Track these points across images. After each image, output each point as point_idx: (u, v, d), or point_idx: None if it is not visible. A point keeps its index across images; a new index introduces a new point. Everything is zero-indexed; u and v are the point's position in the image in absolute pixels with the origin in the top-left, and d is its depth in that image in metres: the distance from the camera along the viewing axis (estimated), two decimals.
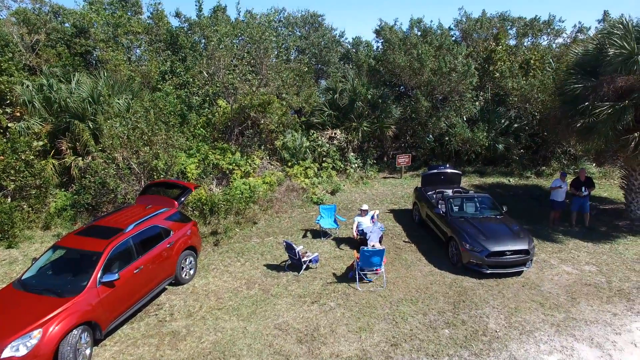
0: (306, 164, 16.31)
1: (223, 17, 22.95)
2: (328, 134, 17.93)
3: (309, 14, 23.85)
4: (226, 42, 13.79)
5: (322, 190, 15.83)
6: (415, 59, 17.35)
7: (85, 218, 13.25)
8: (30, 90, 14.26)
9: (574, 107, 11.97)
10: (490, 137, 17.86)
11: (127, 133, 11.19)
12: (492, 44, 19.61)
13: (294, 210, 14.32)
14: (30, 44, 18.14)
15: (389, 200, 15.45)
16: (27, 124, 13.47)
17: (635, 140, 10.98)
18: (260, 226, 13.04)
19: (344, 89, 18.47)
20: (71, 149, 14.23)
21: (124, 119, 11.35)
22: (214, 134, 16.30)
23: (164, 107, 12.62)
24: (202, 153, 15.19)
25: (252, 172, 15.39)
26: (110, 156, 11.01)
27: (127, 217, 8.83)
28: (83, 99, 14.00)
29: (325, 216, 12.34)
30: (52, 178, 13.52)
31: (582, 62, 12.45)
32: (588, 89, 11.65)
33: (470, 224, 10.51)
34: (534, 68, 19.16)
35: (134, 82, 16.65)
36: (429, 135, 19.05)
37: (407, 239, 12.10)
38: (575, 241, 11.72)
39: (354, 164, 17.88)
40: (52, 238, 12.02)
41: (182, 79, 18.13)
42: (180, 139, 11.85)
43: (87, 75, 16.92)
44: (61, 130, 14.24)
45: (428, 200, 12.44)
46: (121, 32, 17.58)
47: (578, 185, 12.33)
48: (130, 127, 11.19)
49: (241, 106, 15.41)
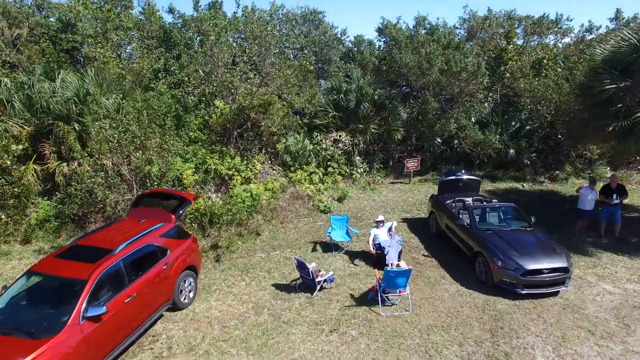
0: (310, 169, 15.23)
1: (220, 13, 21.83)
2: (332, 136, 16.85)
3: (309, 11, 22.79)
4: (225, 37, 12.66)
5: (328, 197, 14.74)
6: (424, 59, 16.35)
7: (71, 230, 12.03)
8: (9, 88, 12.97)
9: (606, 110, 11.06)
10: (501, 141, 16.92)
11: (118, 136, 10.00)
12: (503, 43, 18.71)
13: (300, 220, 13.22)
14: (11, 39, 16.80)
15: (400, 208, 14.42)
16: (5, 125, 12.18)
17: None
18: (265, 238, 11.92)
19: (349, 89, 17.41)
20: (55, 153, 12.92)
21: (113, 121, 10.15)
22: (211, 136, 15.13)
23: (158, 107, 11.44)
24: (199, 157, 14.03)
25: (253, 178, 14.25)
26: (99, 162, 9.80)
27: (117, 234, 7.66)
28: (68, 99, 12.74)
29: (336, 228, 11.26)
30: (33, 185, 12.25)
31: (612, 60, 11.51)
32: (622, 90, 10.75)
33: (499, 238, 9.50)
34: (547, 68, 18.29)
35: (125, 81, 15.41)
36: (437, 138, 18.07)
37: (427, 253, 11.07)
38: (608, 254, 10.79)
39: (360, 168, 16.84)
40: (32, 254, 10.78)
41: (177, 77, 16.92)
42: (177, 144, 10.68)
43: (73, 73, 15.65)
44: (44, 132, 12.94)
45: (448, 210, 11.43)
46: (110, 28, 16.31)
47: (608, 192, 11.42)
48: (121, 130, 9.99)
49: (240, 107, 14.27)
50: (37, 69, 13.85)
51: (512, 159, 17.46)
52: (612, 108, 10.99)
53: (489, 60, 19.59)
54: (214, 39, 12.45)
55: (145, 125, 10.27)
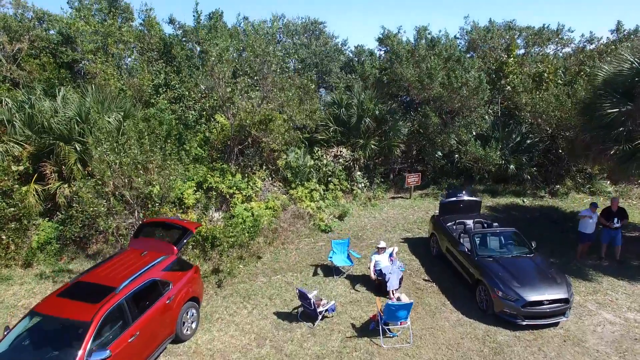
0: (311, 186, 15.23)
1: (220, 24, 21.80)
2: (333, 151, 16.85)
3: (309, 22, 22.74)
4: (226, 57, 12.64)
5: (329, 215, 14.75)
6: (425, 74, 16.34)
7: (72, 252, 12.05)
8: (10, 108, 12.97)
9: (607, 133, 11.07)
10: (502, 156, 16.93)
11: (120, 160, 10.00)
12: (503, 56, 18.69)
13: (301, 240, 13.24)
14: (12, 54, 16.77)
15: (401, 226, 14.44)
16: (6, 146, 12.18)
17: None
18: (266, 261, 11.93)
19: (350, 104, 17.40)
20: (56, 173, 12.95)
21: (115, 145, 10.15)
22: (212, 153, 15.13)
23: (159, 131, 11.43)
24: (200, 175, 14.04)
25: (254, 196, 14.26)
26: (101, 190, 9.80)
27: (120, 269, 7.67)
28: (69, 119, 12.74)
29: (337, 252, 11.28)
30: (34, 206, 12.25)
31: (613, 82, 11.50)
32: (624, 114, 10.76)
33: (500, 266, 9.52)
34: (547, 81, 18.27)
35: (126, 98, 15.42)
36: (437, 152, 18.07)
37: (427, 277, 11.09)
38: (609, 279, 10.81)
39: (360, 183, 16.85)
40: (34, 279, 10.79)
41: (177, 92, 16.91)
42: (179, 169, 10.68)
43: (73, 89, 15.65)
44: (45, 152, 12.95)
45: (448, 233, 11.44)
46: (111, 42, 16.29)
47: (609, 216, 11.43)
48: (122, 155, 9.99)
49: (241, 123, 14.26)
50: (37, 88, 13.80)
51: (513, 173, 17.47)
52: (613, 132, 11.00)
53: (490, 72, 19.59)
54: (214, 59, 12.43)
55: (147, 150, 10.26)
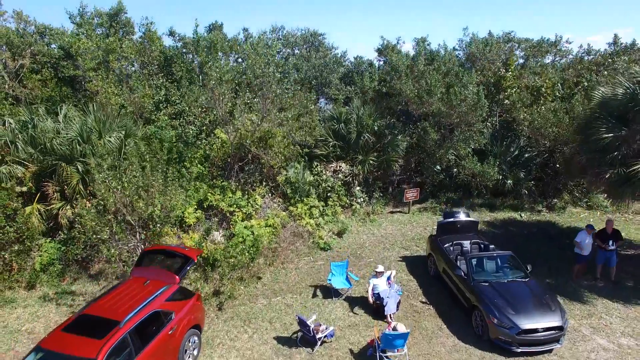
0: (310, 202, 15.38)
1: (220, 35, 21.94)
2: (332, 167, 17.02)
3: (309, 33, 22.88)
4: (226, 78, 12.81)
5: (328, 232, 14.93)
6: (424, 90, 16.51)
7: (75, 272, 12.23)
8: (13, 129, 13.13)
9: (603, 157, 11.25)
10: (500, 171, 17.09)
11: (122, 186, 10.17)
12: (502, 71, 18.84)
13: (301, 259, 13.41)
14: (14, 70, 16.93)
15: (399, 243, 14.61)
16: (9, 168, 12.34)
17: None
18: (266, 281, 12.11)
19: (349, 119, 17.57)
20: (58, 192, 13.12)
21: (117, 172, 10.32)
22: (212, 170, 15.29)
23: (160, 155, 11.60)
24: (201, 193, 14.21)
25: (254, 213, 14.43)
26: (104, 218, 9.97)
27: (123, 300, 7.84)
28: (71, 139, 12.91)
29: (336, 274, 11.45)
30: (37, 227, 12.41)
31: (608, 106, 11.68)
32: (619, 139, 10.93)
33: (495, 291, 9.70)
34: (545, 95, 18.42)
35: (127, 114, 15.60)
36: (436, 166, 18.24)
37: (425, 299, 11.26)
38: (603, 301, 10.99)
39: (359, 198, 17.02)
40: (37, 301, 10.96)
41: (177, 107, 17.07)
42: (180, 194, 10.86)
43: (75, 107, 15.83)
44: (47, 172, 13.12)
45: (445, 255, 11.60)
46: (113, 59, 16.45)
47: (604, 237, 11.61)
48: (124, 181, 10.16)
49: (241, 141, 14.42)
50: (39, 108, 13.96)
51: (510, 188, 17.64)
52: (608, 155, 11.16)
53: (488, 84, 19.73)
54: (214, 83, 12.60)
55: (149, 175, 10.42)
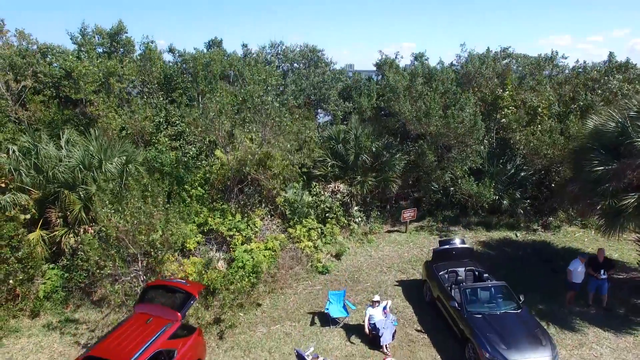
0: (309, 224, 15.62)
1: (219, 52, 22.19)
2: (331, 187, 17.27)
3: (307, 49, 23.08)
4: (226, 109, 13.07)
5: (326, 255, 15.19)
6: (422, 112, 16.75)
7: (78, 298, 12.47)
8: (17, 156, 13.37)
9: (595, 188, 11.49)
10: (496, 191, 17.33)
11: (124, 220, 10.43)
12: (499, 90, 19.06)
13: (299, 283, 13.65)
14: (17, 91, 17.17)
15: (396, 266, 14.85)
16: (13, 197, 12.57)
17: None
18: (265, 308, 12.36)
19: (347, 139, 17.80)
20: (61, 218, 13.37)
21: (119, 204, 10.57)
22: (212, 193, 15.53)
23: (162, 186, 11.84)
24: (201, 218, 14.46)
25: (253, 237, 14.67)
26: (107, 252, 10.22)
27: (127, 340, 8.08)
28: (73, 167, 13.15)
29: (334, 302, 11.72)
30: (40, 252, 12.66)
31: (601, 136, 11.91)
32: (610, 172, 11.17)
33: (488, 324, 9.97)
34: (542, 115, 18.64)
35: (127, 137, 15.87)
36: (432, 184, 18.49)
37: (420, 327, 11.52)
38: (594, 330, 11.25)
39: (357, 217, 17.27)
40: (41, 330, 11.22)
41: (178, 128, 17.31)
42: (181, 229, 11.12)
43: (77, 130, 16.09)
44: (50, 198, 13.37)
45: (440, 284, 11.85)
46: (113, 81, 16.68)
47: (596, 266, 11.86)
48: (127, 214, 10.41)
49: (240, 167, 14.65)
50: (42, 134, 14.20)
51: (506, 208, 17.89)
52: (600, 187, 11.40)
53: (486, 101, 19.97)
54: (214, 114, 12.84)
55: (150, 208, 10.66)
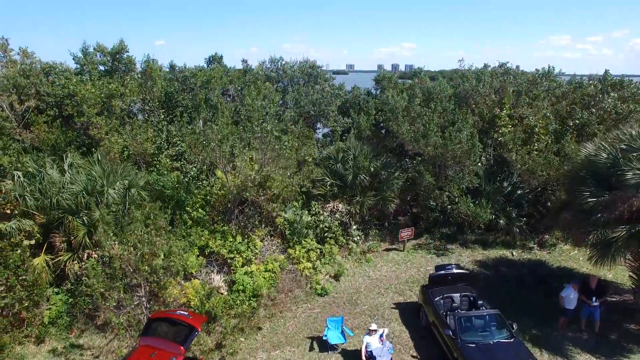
0: (308, 245, 15.88)
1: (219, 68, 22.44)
2: (330, 207, 17.53)
3: (307, 65, 23.32)
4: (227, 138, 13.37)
5: (325, 276, 15.47)
6: (420, 134, 17.02)
7: (82, 322, 12.76)
8: (22, 182, 13.64)
9: (587, 218, 11.74)
10: (492, 211, 17.60)
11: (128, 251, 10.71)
12: (496, 110, 19.32)
13: (299, 306, 13.92)
14: (21, 113, 17.43)
15: (393, 288, 15.12)
16: (19, 223, 12.84)
17: None
18: (266, 332, 12.63)
19: (345, 158, 18.06)
20: (65, 243, 13.66)
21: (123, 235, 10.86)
22: (212, 214, 15.80)
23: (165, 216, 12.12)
24: (202, 240, 14.73)
25: (253, 258, 14.93)
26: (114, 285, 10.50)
27: None
28: (77, 194, 13.43)
29: (332, 328, 12.00)
30: (45, 277, 12.93)
31: (594, 166, 12.18)
32: (601, 203, 11.42)
33: (481, 354, 10.27)
34: (538, 134, 18.89)
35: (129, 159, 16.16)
36: (430, 202, 18.76)
37: (415, 353, 11.81)
38: (586, 356, 11.53)
39: (356, 237, 17.54)
40: (47, 356, 11.50)
41: (178, 148, 17.57)
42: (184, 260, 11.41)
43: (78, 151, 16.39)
44: (54, 223, 13.65)
45: (436, 310, 12.13)
46: (116, 104, 16.96)
47: (589, 293, 12.14)
48: (130, 245, 10.70)
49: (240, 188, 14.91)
50: (46, 159, 14.47)
51: (503, 226, 18.17)
52: (592, 217, 11.65)
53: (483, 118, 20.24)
54: (215, 144, 13.12)
55: (153, 238, 10.94)
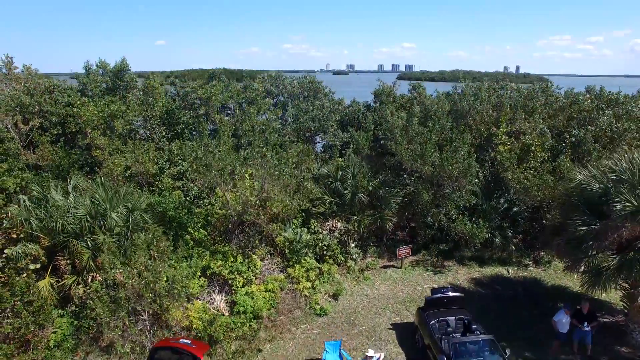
0: (307, 265, 16.19)
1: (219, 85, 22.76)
2: (329, 225, 17.85)
3: (306, 80, 23.65)
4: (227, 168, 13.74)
5: (324, 295, 15.78)
6: (418, 154, 17.35)
7: (87, 344, 13.02)
8: (27, 206, 13.93)
9: (579, 246, 12.06)
10: (488, 229, 17.92)
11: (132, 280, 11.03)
12: (493, 129, 19.64)
13: (298, 327, 14.23)
14: (25, 132, 17.74)
15: (390, 307, 15.43)
16: (24, 248, 13.13)
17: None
18: (266, 354, 12.94)
19: (344, 177, 18.37)
20: (69, 265, 13.95)
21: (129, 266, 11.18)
22: (213, 234, 16.11)
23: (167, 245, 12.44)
24: (204, 261, 15.03)
25: (254, 279, 15.24)
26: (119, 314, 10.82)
27: None
28: (81, 218, 13.72)
29: (330, 351, 12.33)
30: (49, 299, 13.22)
31: (586, 193, 12.48)
32: (592, 232, 11.73)
33: None
34: (534, 151, 19.19)
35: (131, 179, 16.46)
36: (428, 219, 19.09)
37: None
38: None
39: (354, 254, 17.85)
40: None
41: (180, 168, 17.88)
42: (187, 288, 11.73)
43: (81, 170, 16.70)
44: (59, 246, 13.94)
45: (431, 333, 12.45)
46: (118, 125, 17.27)
47: (580, 318, 12.46)
48: (135, 274, 11.01)
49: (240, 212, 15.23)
50: (50, 183, 14.78)
51: (499, 244, 18.50)
52: (584, 245, 11.98)
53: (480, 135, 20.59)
54: (216, 172, 13.44)
55: (157, 266, 11.25)
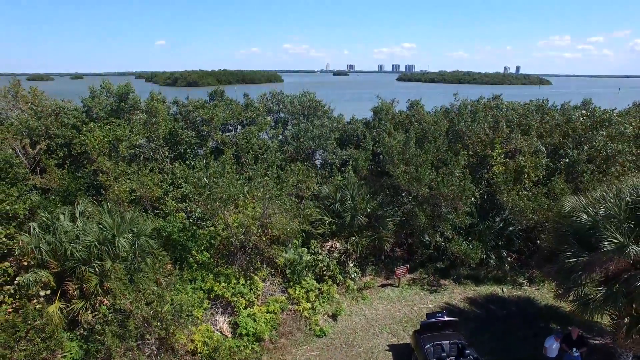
0: (307, 286, 16.69)
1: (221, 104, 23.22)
2: (328, 245, 18.35)
3: (306, 98, 24.10)
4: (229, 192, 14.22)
5: (323, 315, 16.29)
6: (414, 178, 17.84)
7: None
8: (37, 233, 14.42)
9: (568, 275, 12.53)
10: (483, 250, 18.43)
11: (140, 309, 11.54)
12: (487, 150, 20.12)
13: (298, 349, 14.74)
14: (33, 156, 18.23)
15: (388, 328, 15.93)
16: (35, 275, 13.64)
17: (626, 326, 11.59)
18: None
19: (343, 199, 18.87)
20: (78, 289, 14.46)
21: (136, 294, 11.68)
22: (216, 257, 16.62)
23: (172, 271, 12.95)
24: (207, 284, 15.54)
25: (255, 300, 15.76)
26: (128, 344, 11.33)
27: None
28: (89, 245, 14.22)
29: None
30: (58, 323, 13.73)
31: (575, 225, 12.92)
32: (580, 264, 12.20)
33: None
34: (528, 172, 19.68)
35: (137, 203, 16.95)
36: (425, 238, 19.59)
37: None
38: None
39: (353, 274, 18.36)
40: None
41: (183, 191, 18.37)
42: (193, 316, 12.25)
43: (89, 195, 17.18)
44: (68, 272, 14.44)
45: (425, 358, 12.95)
46: (123, 149, 17.77)
47: (570, 343, 12.97)
48: (143, 303, 11.52)
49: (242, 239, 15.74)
50: (58, 209, 15.27)
51: (493, 265, 19.01)
52: (573, 275, 12.45)
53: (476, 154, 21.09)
54: (220, 204, 13.93)
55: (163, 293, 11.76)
